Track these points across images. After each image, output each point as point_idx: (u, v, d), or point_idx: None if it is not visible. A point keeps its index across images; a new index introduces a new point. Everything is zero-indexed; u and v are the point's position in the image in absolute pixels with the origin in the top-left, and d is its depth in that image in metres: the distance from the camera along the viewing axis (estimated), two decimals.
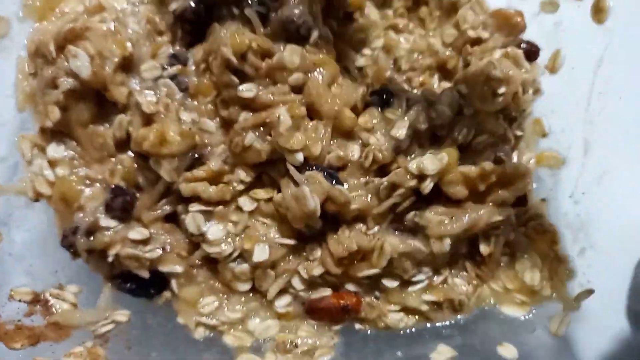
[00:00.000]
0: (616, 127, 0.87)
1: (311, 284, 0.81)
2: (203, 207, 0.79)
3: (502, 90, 0.78)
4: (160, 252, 0.80)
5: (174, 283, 0.82)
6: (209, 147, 0.80)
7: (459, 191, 0.79)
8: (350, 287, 0.82)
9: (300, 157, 0.77)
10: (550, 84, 0.92)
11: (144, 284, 0.82)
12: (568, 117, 0.92)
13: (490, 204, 0.81)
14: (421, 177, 0.78)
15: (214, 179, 0.80)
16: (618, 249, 0.82)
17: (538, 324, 0.85)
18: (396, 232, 0.81)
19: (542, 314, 0.85)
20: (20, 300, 0.81)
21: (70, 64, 0.78)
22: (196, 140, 0.79)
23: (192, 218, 0.79)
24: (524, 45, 0.87)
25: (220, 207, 0.80)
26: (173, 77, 0.81)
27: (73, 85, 0.79)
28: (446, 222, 0.79)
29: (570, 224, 0.88)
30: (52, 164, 0.83)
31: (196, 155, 0.80)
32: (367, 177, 0.81)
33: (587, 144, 0.90)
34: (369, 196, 0.80)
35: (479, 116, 0.81)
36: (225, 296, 0.83)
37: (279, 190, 0.79)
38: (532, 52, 0.87)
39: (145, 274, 0.81)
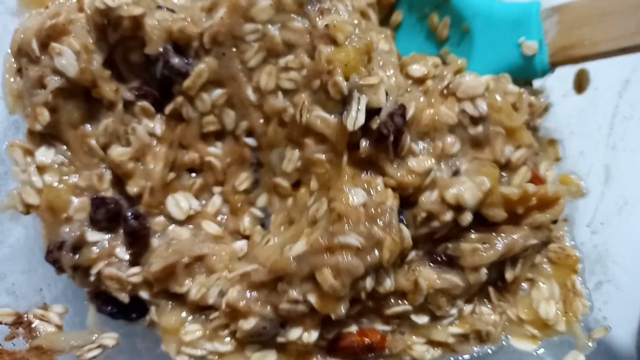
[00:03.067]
0: None
1: (336, 322, 0.76)
2: None
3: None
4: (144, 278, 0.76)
5: (153, 310, 0.77)
6: None
7: (499, 214, 0.74)
8: (378, 325, 0.78)
9: None
10: (571, 104, 0.88)
11: (124, 308, 0.78)
12: (589, 141, 0.87)
13: (526, 226, 0.76)
14: (459, 207, 0.73)
15: None
16: (638, 286, 0.78)
17: None
18: (431, 264, 0.77)
19: (552, 348, 0.81)
20: (1, 323, 0.77)
21: (56, 63, 0.73)
22: None
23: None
24: None
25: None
26: None
27: (61, 83, 0.74)
28: (481, 250, 0.74)
29: (587, 255, 0.83)
30: (41, 169, 0.78)
31: None
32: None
33: (608, 171, 0.85)
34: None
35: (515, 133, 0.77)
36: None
37: None
38: None
39: (124, 299, 0.76)
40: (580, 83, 0.87)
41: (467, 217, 0.72)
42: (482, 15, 0.80)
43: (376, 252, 0.71)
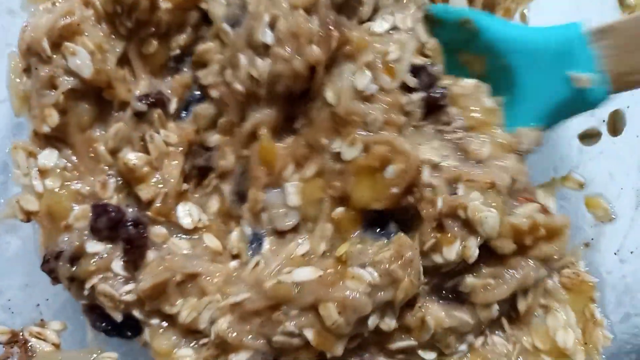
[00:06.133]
0: None
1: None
2: None
3: None
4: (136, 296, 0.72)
5: (146, 331, 0.74)
6: None
7: (507, 246, 0.70)
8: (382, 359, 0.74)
9: None
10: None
11: (118, 326, 0.74)
12: (619, 163, 0.82)
13: (534, 258, 0.72)
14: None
15: None
16: None
17: None
18: (440, 301, 0.73)
19: None
20: None
21: (69, 63, 0.71)
22: None
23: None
24: None
25: None
26: None
27: (74, 84, 0.71)
28: (492, 284, 0.70)
29: (614, 285, 0.79)
30: (43, 173, 0.75)
31: None
32: None
33: (639, 196, 0.81)
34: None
35: None
36: None
37: None
38: None
39: (117, 317, 0.73)
40: (615, 125, 0.83)
41: (475, 249, 0.68)
42: (520, 51, 0.72)
43: (390, 291, 0.67)
